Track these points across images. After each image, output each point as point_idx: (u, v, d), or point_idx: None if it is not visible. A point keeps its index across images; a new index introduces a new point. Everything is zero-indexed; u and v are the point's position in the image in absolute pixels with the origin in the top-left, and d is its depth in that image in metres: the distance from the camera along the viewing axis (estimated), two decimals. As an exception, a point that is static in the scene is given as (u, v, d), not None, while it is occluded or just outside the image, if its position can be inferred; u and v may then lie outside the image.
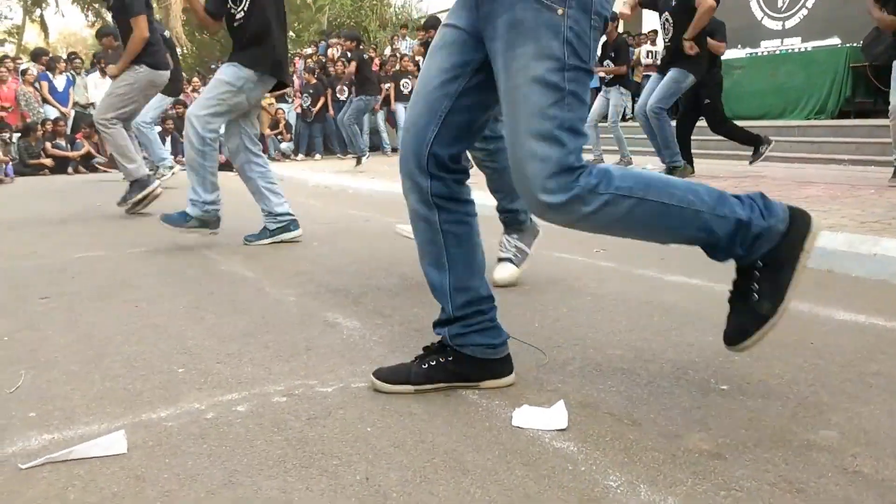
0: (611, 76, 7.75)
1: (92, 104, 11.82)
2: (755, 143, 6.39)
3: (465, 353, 1.70)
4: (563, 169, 1.47)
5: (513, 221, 2.86)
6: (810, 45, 10.83)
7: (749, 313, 1.55)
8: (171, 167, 7.79)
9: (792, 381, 1.72)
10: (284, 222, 3.88)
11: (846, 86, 9.24)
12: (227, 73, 3.68)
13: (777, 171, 6.96)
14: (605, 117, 7.97)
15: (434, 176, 1.64)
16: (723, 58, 6.49)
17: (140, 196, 5.15)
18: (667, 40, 5.62)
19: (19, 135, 10.61)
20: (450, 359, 1.70)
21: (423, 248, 1.71)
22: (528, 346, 1.97)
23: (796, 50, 10.96)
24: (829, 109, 9.31)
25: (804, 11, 11.22)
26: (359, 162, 9.38)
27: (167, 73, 5.22)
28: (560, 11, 1.45)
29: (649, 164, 7.63)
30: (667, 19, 5.51)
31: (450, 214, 1.67)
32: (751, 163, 6.20)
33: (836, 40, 10.38)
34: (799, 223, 1.54)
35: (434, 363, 1.71)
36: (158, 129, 9.02)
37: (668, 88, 5.39)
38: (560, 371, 1.80)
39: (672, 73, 5.37)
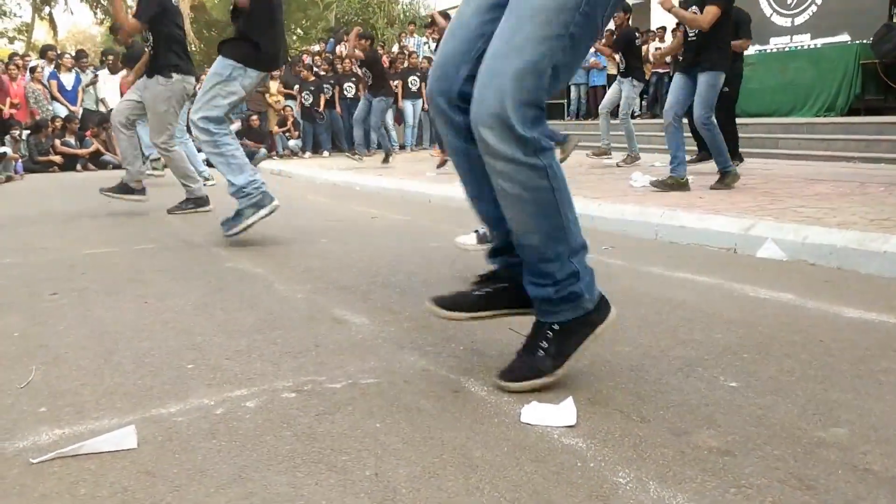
0: (624, 67, 7.80)
1: (101, 100, 11.85)
2: (733, 157, 6.46)
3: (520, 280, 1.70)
4: (535, 103, 1.52)
5: None
6: (819, 41, 10.78)
7: (529, 364, 1.65)
8: (157, 158, 7.69)
9: (801, 378, 1.72)
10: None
11: (856, 83, 9.19)
12: (215, 66, 3.83)
13: (786, 168, 6.93)
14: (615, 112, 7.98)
15: (466, 111, 1.64)
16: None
17: (191, 210, 5.11)
18: (691, 35, 5.49)
19: (29, 132, 10.66)
20: (506, 286, 1.72)
21: (464, 180, 1.74)
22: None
23: (806, 47, 10.90)
24: (838, 106, 9.27)
25: (814, 8, 11.16)
26: (386, 159, 9.44)
27: (194, 79, 5.17)
28: None
29: (657, 162, 7.62)
30: (694, 13, 5.38)
31: None
32: (695, 162, 6.27)
33: (845, 37, 10.33)
34: (602, 309, 1.68)
35: (491, 290, 1.72)
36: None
37: (707, 96, 5.24)
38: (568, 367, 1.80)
39: (705, 77, 5.20)
